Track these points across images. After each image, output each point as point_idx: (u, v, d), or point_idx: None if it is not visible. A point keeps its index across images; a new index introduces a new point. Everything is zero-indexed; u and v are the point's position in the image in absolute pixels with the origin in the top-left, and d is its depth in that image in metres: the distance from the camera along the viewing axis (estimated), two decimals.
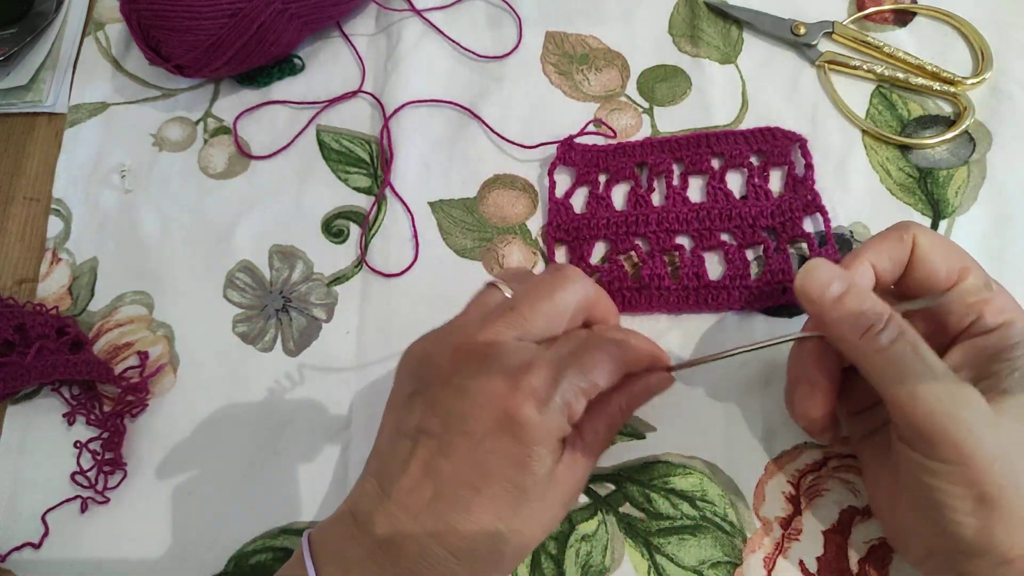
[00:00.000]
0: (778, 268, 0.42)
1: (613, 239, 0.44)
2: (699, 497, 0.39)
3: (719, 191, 0.45)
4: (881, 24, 0.50)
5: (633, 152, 0.46)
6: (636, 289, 0.43)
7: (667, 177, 0.45)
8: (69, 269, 0.47)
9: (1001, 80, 0.47)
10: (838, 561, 0.38)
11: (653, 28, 0.51)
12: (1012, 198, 0.44)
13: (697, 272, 0.43)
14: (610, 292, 0.42)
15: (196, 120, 0.51)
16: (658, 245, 0.44)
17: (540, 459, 0.30)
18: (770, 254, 0.43)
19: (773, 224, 0.43)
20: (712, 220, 0.44)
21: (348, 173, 0.48)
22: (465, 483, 0.30)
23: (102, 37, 0.54)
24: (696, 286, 0.43)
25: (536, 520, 0.32)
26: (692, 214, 0.44)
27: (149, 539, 0.41)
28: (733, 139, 0.46)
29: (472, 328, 0.33)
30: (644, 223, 0.44)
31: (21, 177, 0.50)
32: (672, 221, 0.44)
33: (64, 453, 0.42)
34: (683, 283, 0.43)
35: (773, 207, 0.44)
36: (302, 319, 0.45)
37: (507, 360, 0.31)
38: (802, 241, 0.43)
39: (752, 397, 0.41)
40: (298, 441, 0.42)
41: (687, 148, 0.46)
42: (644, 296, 0.43)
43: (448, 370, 0.32)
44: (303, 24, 0.48)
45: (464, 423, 0.31)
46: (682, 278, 0.43)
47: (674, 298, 0.43)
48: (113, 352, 0.45)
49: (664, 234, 0.44)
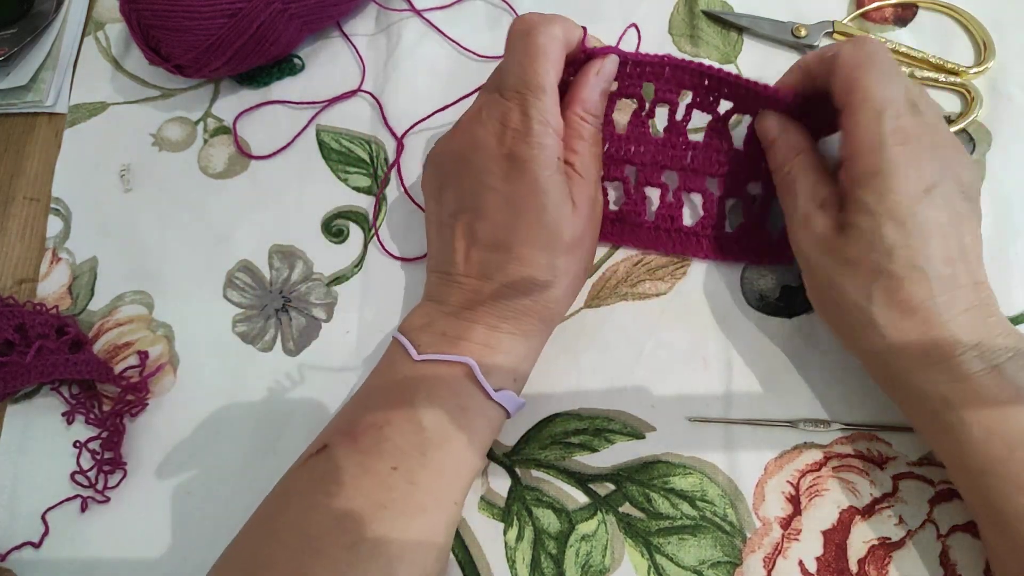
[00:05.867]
0: (755, 223, 0.42)
1: (606, 163, 0.42)
2: (699, 497, 0.39)
3: (717, 134, 0.42)
4: (881, 24, 0.50)
5: (645, 68, 0.41)
6: (612, 220, 0.43)
7: (671, 108, 0.42)
8: (69, 269, 0.47)
9: (1001, 80, 0.47)
10: (838, 561, 0.38)
11: (653, 28, 0.51)
12: (1012, 198, 0.44)
13: (672, 215, 0.43)
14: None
15: (196, 120, 0.51)
16: (644, 179, 0.43)
17: (549, 181, 0.35)
18: (750, 207, 0.42)
19: (761, 177, 0.42)
20: (702, 163, 0.42)
21: (348, 173, 0.48)
22: (503, 228, 0.36)
23: (102, 37, 0.54)
24: (668, 228, 0.43)
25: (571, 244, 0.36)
26: (686, 152, 0.42)
27: (149, 539, 0.41)
28: (755, 93, 0.40)
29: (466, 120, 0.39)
30: (638, 152, 0.42)
31: (21, 177, 0.50)
32: (665, 156, 0.42)
33: (64, 453, 0.42)
34: (656, 223, 0.43)
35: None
36: (302, 319, 0.45)
37: (489, 123, 0.36)
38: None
39: (752, 396, 0.41)
40: (298, 441, 0.42)
41: (700, 79, 0.41)
42: (616, 229, 0.43)
43: (458, 155, 0.38)
44: (303, 24, 0.48)
45: (482, 185, 0.36)
46: (657, 217, 0.43)
47: (645, 236, 0.43)
48: (113, 352, 0.45)
49: (652, 168, 0.43)
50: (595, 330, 0.43)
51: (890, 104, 0.33)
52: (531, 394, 0.40)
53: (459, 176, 0.38)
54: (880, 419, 0.40)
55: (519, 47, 0.36)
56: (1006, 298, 0.42)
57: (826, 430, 0.40)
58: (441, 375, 0.36)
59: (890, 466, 0.39)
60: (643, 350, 0.43)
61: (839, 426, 0.40)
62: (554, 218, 0.36)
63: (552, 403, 0.42)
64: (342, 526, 0.32)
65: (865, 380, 0.40)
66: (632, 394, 0.42)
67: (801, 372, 0.41)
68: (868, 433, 0.40)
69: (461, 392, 0.36)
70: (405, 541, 0.33)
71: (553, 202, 0.35)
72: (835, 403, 0.41)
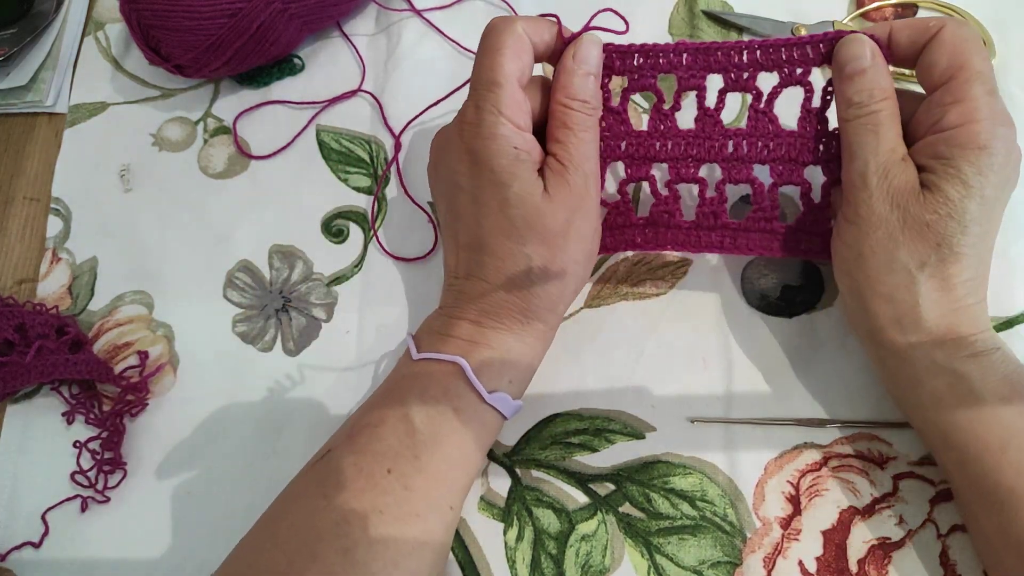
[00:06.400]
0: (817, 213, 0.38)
1: (628, 163, 0.39)
2: (699, 497, 0.39)
3: (763, 116, 0.38)
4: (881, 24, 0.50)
5: (656, 58, 0.38)
6: (642, 226, 0.39)
7: (699, 94, 0.38)
8: (69, 269, 0.47)
9: (1001, 80, 0.47)
10: (837, 561, 0.38)
11: (653, 28, 0.51)
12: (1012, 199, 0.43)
13: (715, 211, 0.39)
14: (616, 229, 0.40)
15: (196, 120, 0.51)
16: (676, 176, 0.39)
17: (506, 171, 0.35)
18: (808, 195, 0.38)
19: (821, 160, 0.38)
20: (749, 149, 0.38)
21: (348, 173, 0.48)
22: (474, 225, 0.36)
23: (102, 37, 0.53)
24: (711, 225, 0.39)
25: (545, 234, 0.36)
26: (726, 140, 0.38)
27: (149, 539, 0.41)
28: (793, 49, 0.37)
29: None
30: (664, 149, 0.38)
31: (21, 177, 0.50)
32: (700, 148, 0.38)
33: (64, 452, 0.42)
34: (697, 222, 0.39)
35: (828, 138, 0.37)
36: (302, 319, 0.45)
37: (453, 124, 0.38)
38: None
39: (752, 396, 0.41)
40: (298, 441, 0.42)
41: (729, 58, 0.37)
42: (651, 234, 0.39)
43: (435, 162, 0.40)
44: (303, 24, 0.48)
45: (454, 186, 0.37)
46: (698, 216, 0.39)
47: (685, 238, 0.39)
48: (113, 352, 0.45)
49: (686, 162, 0.38)
50: (595, 330, 0.43)
51: (995, 90, 0.34)
52: (531, 394, 0.40)
53: (439, 180, 0.39)
54: (880, 419, 0.40)
55: (480, 48, 0.37)
56: (1007, 298, 0.42)
57: (826, 430, 0.40)
58: (434, 374, 0.36)
59: (890, 466, 0.39)
60: (643, 350, 0.43)
61: (839, 426, 0.40)
62: (519, 209, 0.35)
63: (552, 403, 0.42)
64: (338, 530, 0.32)
65: (865, 380, 0.40)
66: (632, 394, 0.42)
67: (801, 372, 0.41)
68: (868, 433, 0.40)
69: (454, 393, 0.36)
70: (400, 546, 0.33)
71: (516, 193, 0.35)
72: (835, 403, 0.41)
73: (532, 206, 0.35)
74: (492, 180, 0.35)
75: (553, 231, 0.36)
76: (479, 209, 0.36)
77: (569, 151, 0.37)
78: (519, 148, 0.36)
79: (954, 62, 0.34)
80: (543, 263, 0.36)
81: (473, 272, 0.37)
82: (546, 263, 0.36)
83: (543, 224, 0.36)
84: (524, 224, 0.36)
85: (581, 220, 0.37)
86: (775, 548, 0.38)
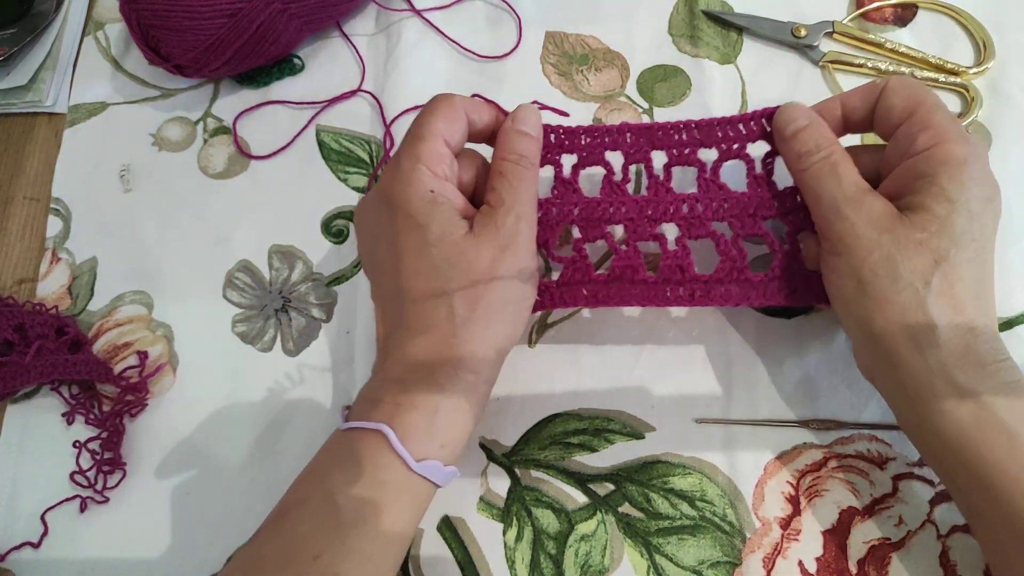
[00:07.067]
0: (787, 259, 0.38)
1: (583, 226, 0.39)
2: (698, 497, 0.39)
3: (712, 184, 0.39)
4: (881, 24, 0.50)
5: (602, 137, 0.40)
6: (603, 282, 0.39)
7: (647, 166, 0.40)
8: (69, 269, 0.47)
9: (1001, 80, 0.47)
10: (837, 561, 0.38)
11: (653, 28, 0.51)
12: (1011, 200, 0.44)
13: (680, 264, 0.38)
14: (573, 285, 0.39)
15: (196, 120, 0.51)
16: (635, 234, 0.39)
17: (422, 212, 0.35)
18: (776, 248, 0.38)
19: (779, 215, 0.38)
20: (704, 210, 0.38)
21: (348, 173, 0.48)
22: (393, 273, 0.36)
23: (102, 37, 0.54)
24: (679, 279, 0.38)
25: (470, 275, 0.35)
26: (680, 203, 0.39)
27: (149, 539, 0.41)
28: (727, 127, 0.39)
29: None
30: (619, 211, 0.39)
31: (21, 177, 0.50)
32: (655, 210, 0.39)
33: (63, 453, 0.42)
34: (663, 275, 0.38)
35: (781, 195, 0.38)
36: (301, 319, 0.45)
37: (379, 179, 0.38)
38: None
39: (752, 396, 0.41)
40: (297, 441, 0.42)
41: (670, 137, 0.39)
42: (614, 290, 0.39)
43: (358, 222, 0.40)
44: (303, 24, 0.48)
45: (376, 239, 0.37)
46: (662, 270, 0.38)
47: (652, 292, 0.38)
48: (112, 352, 0.45)
49: (643, 221, 0.39)
50: (595, 330, 0.43)
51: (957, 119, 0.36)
52: (531, 394, 0.40)
53: (362, 243, 0.39)
54: (880, 420, 0.40)
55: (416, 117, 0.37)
56: (1006, 300, 0.42)
57: (826, 430, 0.40)
58: (360, 446, 0.34)
59: (890, 466, 0.39)
60: (643, 350, 0.43)
61: (839, 426, 0.40)
62: (439, 248, 0.34)
63: (552, 403, 0.42)
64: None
65: (865, 381, 0.40)
66: (632, 394, 0.42)
67: (800, 372, 0.41)
68: (868, 433, 0.40)
69: (380, 464, 0.33)
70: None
71: (435, 233, 0.35)
72: (835, 403, 0.41)
73: (452, 244, 0.35)
74: (409, 224, 0.35)
75: (478, 270, 0.35)
76: (397, 254, 0.35)
77: (501, 195, 0.36)
78: (436, 191, 0.35)
79: (911, 101, 0.35)
80: (467, 304, 0.35)
81: (396, 327, 0.36)
82: (470, 305, 0.35)
83: (467, 263, 0.34)
84: (446, 264, 0.34)
85: (511, 258, 0.35)
86: (775, 548, 0.38)
